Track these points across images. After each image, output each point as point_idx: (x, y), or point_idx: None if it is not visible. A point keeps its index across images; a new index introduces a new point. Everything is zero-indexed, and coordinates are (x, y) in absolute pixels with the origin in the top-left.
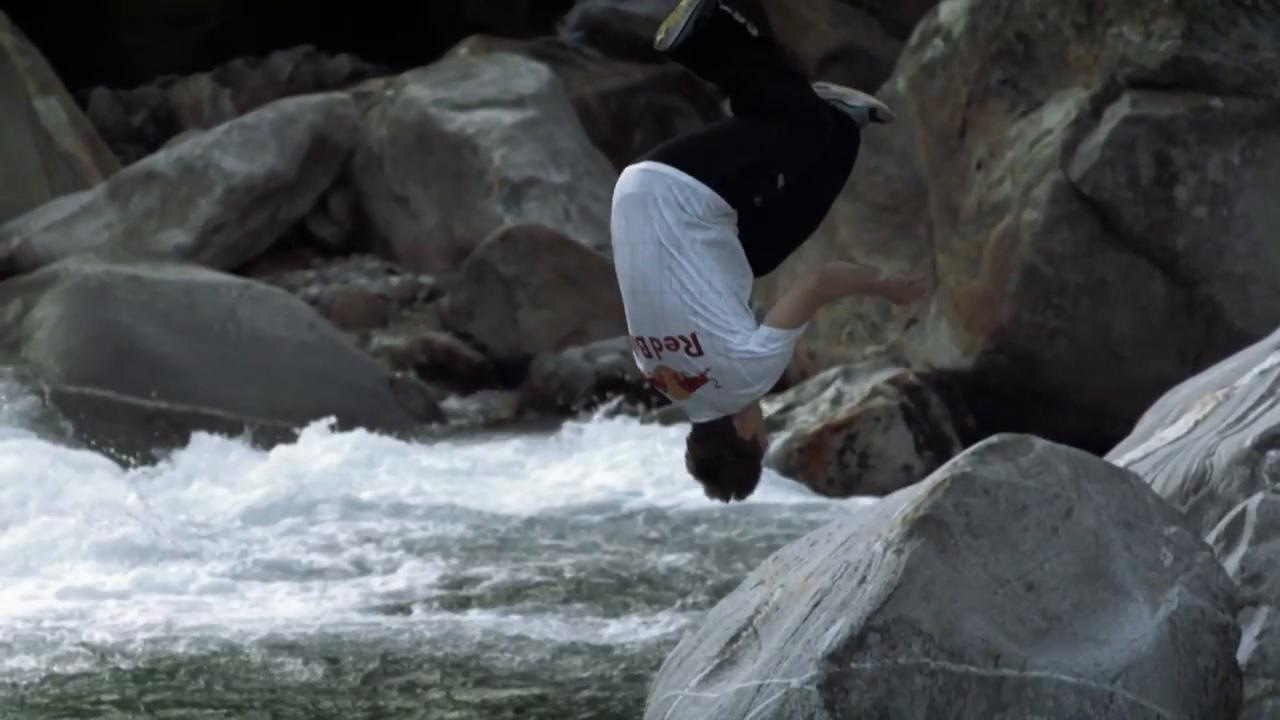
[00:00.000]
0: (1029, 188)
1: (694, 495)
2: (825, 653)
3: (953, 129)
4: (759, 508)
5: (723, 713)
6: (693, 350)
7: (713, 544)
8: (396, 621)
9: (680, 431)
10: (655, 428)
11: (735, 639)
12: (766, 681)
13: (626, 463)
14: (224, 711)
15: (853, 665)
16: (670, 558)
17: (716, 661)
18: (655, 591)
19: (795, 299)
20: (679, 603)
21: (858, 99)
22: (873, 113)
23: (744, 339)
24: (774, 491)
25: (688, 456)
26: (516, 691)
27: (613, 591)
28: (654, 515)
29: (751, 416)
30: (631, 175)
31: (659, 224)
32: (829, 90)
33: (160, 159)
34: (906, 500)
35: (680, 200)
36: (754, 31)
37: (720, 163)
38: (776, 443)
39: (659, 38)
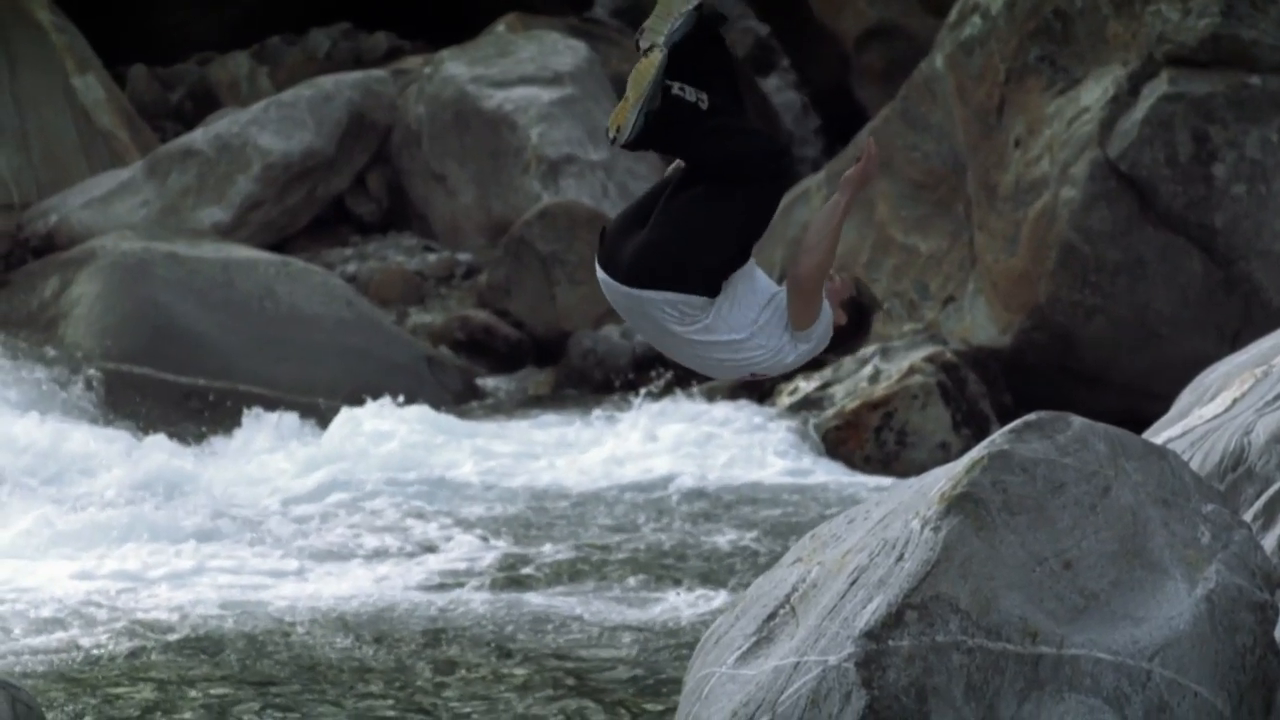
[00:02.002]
0: (1067, 165)
1: (734, 473)
2: (863, 630)
3: (990, 106)
4: (797, 486)
5: (760, 690)
6: (755, 375)
7: (752, 521)
8: (442, 599)
9: (722, 411)
10: (697, 406)
11: (773, 616)
12: (804, 659)
13: (668, 440)
14: (272, 688)
15: (890, 643)
16: (711, 536)
17: (754, 639)
18: (697, 569)
19: (797, 302)
20: (720, 581)
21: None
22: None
23: (790, 350)
24: (812, 469)
25: None
26: (558, 669)
27: (655, 570)
28: (694, 493)
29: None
30: (616, 291)
31: (673, 330)
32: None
33: (198, 136)
34: (944, 478)
35: (680, 313)
36: (704, 105)
37: (701, 267)
38: (814, 420)
39: (610, 134)
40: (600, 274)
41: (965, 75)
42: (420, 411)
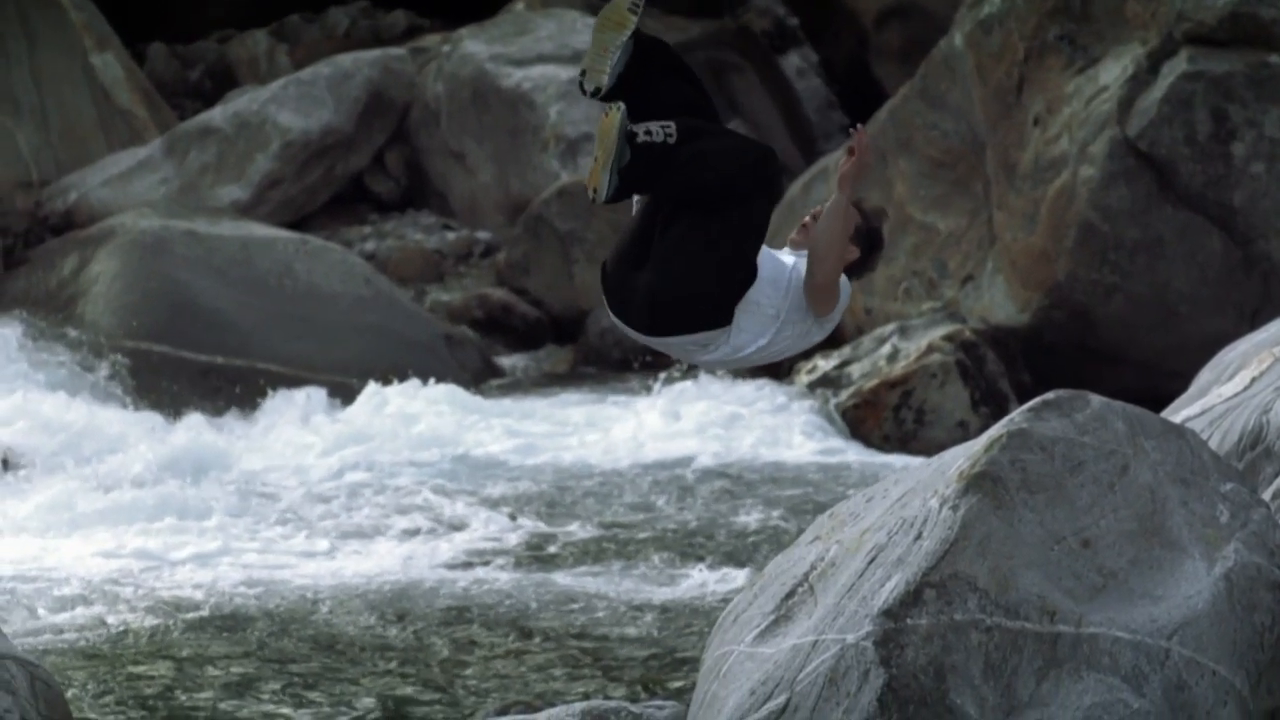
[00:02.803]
0: (1086, 144)
1: (758, 452)
2: (881, 609)
3: (1010, 85)
4: (821, 465)
5: (778, 668)
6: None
7: (775, 500)
8: (466, 577)
9: (743, 390)
10: (718, 385)
11: (791, 595)
12: (822, 637)
13: (690, 419)
14: (294, 665)
15: (908, 621)
16: (735, 515)
17: (772, 617)
18: (721, 548)
19: (818, 301)
20: (743, 559)
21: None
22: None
23: (816, 329)
24: (836, 448)
25: None
26: (579, 648)
27: (678, 548)
28: (717, 472)
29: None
30: (635, 336)
31: (701, 357)
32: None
33: (217, 114)
34: (963, 456)
35: (704, 345)
36: (673, 138)
37: (713, 303)
38: (835, 399)
39: (589, 195)
40: (615, 321)
41: (984, 54)
42: (445, 390)
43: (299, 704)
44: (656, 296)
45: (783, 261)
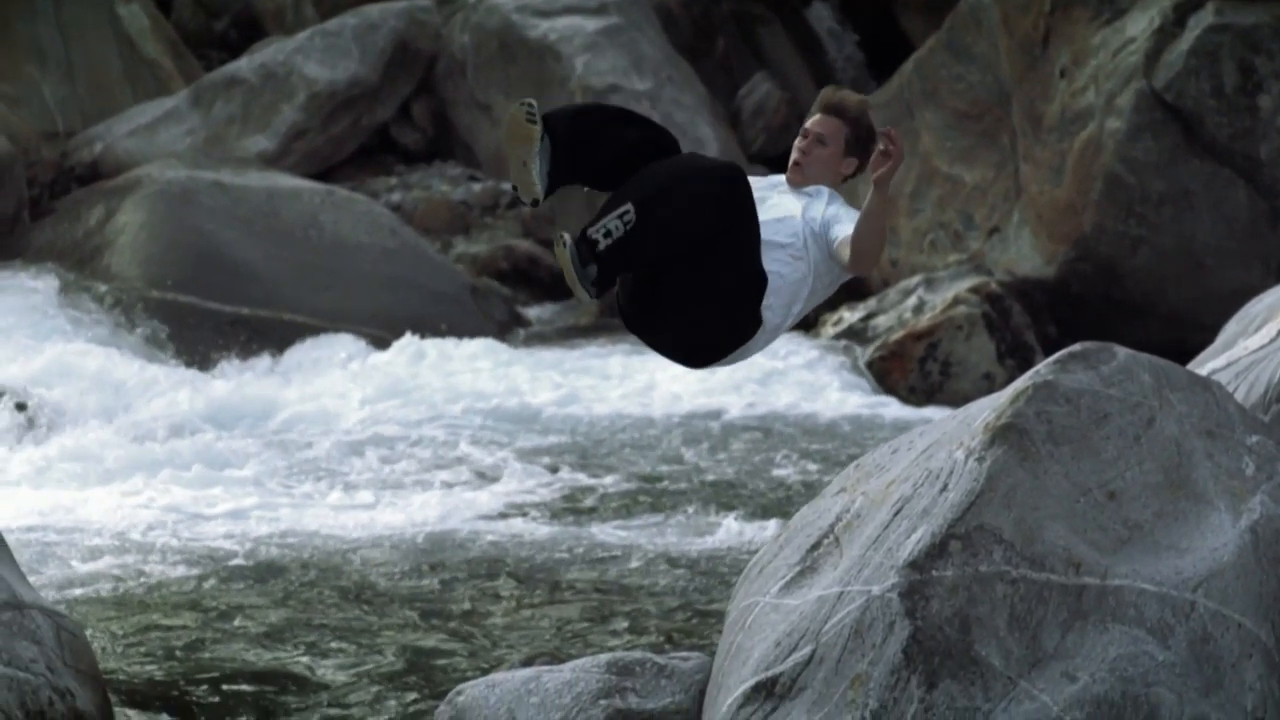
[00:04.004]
0: (1112, 96)
1: (791, 404)
2: (906, 560)
3: (1036, 37)
4: (854, 417)
5: (803, 620)
6: None
7: (809, 452)
8: (499, 529)
9: (783, 342)
10: None
11: (816, 546)
12: (847, 589)
13: (722, 372)
14: (325, 615)
15: (934, 573)
16: (769, 467)
17: (798, 569)
18: (754, 500)
19: (853, 271)
20: (776, 512)
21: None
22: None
23: (840, 273)
24: (856, 399)
25: None
26: (609, 600)
27: (711, 500)
28: (750, 424)
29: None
30: None
31: (750, 357)
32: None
33: (243, 65)
34: (988, 408)
35: (745, 351)
36: (634, 222)
37: (738, 326)
38: (863, 352)
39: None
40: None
41: (1011, 5)
42: (479, 342)
43: (328, 655)
44: (684, 349)
45: (790, 219)
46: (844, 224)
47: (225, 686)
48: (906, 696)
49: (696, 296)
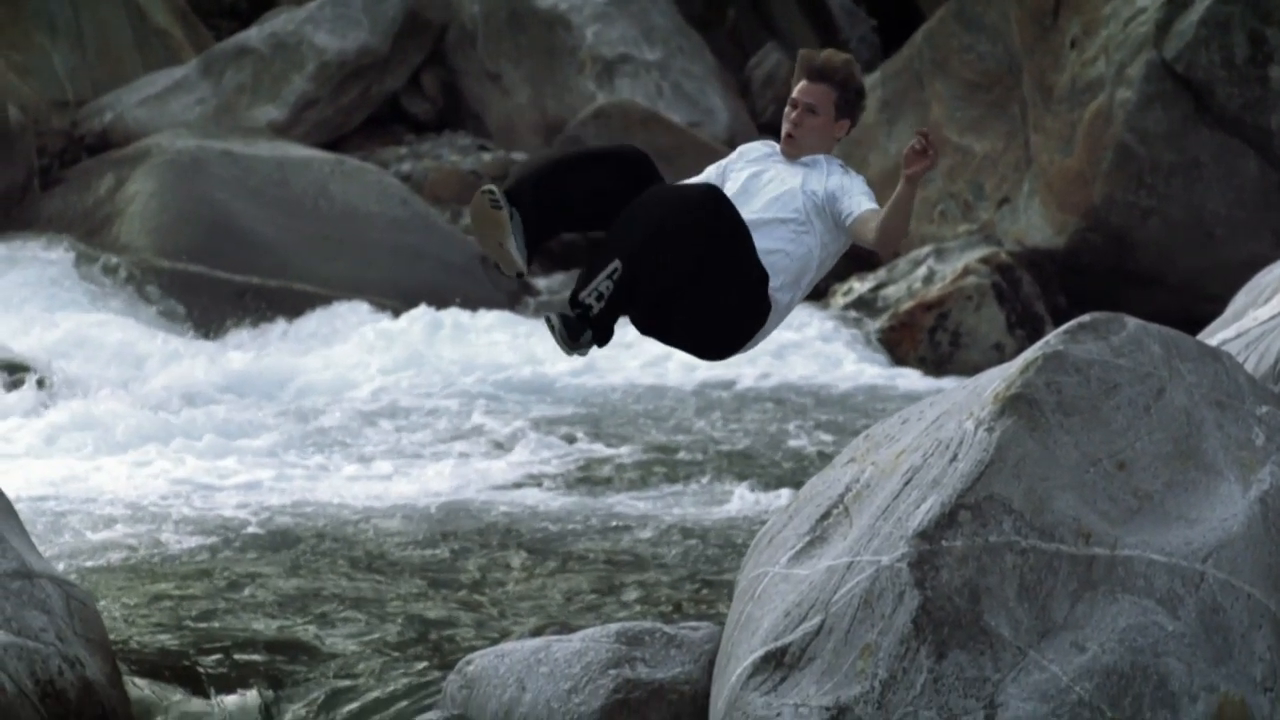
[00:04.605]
0: (1123, 66)
1: (804, 374)
2: (916, 530)
3: (1046, 7)
4: (863, 388)
5: (813, 589)
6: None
7: (819, 423)
8: (513, 499)
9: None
10: None
11: (826, 516)
12: (857, 559)
13: None
14: (336, 585)
15: (943, 543)
16: (783, 437)
17: (807, 539)
18: (767, 470)
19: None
20: (790, 482)
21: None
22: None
23: (847, 239)
24: (866, 369)
25: None
26: (620, 569)
27: (724, 470)
28: (764, 394)
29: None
30: None
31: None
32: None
33: (253, 34)
34: (998, 378)
35: (763, 335)
36: (620, 275)
37: (749, 319)
38: (873, 323)
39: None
40: None
41: None
42: (495, 313)
43: (339, 624)
44: (699, 351)
45: (790, 193)
46: (854, 195)
47: (235, 656)
48: (916, 666)
49: (702, 308)
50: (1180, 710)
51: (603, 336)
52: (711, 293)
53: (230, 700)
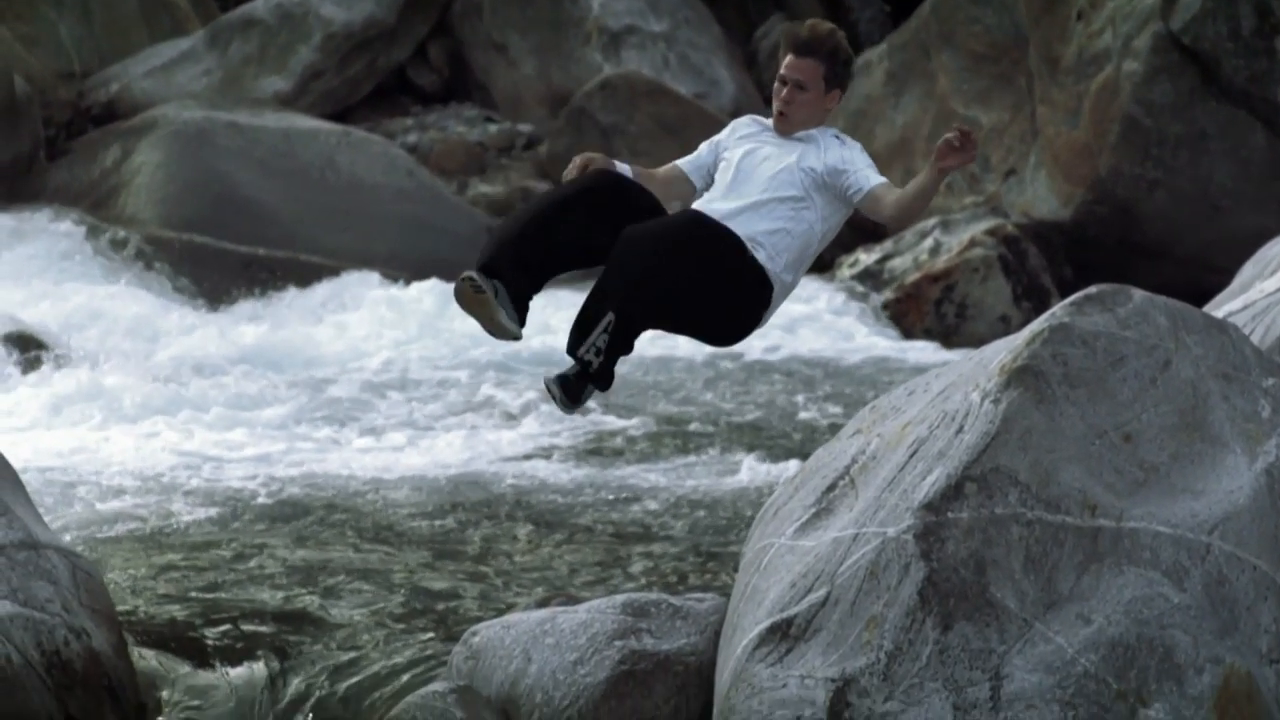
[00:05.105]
0: (1129, 38)
1: (813, 346)
2: (922, 502)
3: None
4: (873, 359)
5: (819, 561)
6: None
7: (828, 394)
8: (523, 471)
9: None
10: None
11: (832, 488)
12: (863, 530)
13: None
14: (343, 557)
15: (949, 515)
16: (792, 409)
17: (813, 510)
18: (775, 442)
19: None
20: (799, 453)
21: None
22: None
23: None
24: (878, 342)
25: None
26: (628, 540)
27: (732, 442)
28: (770, 366)
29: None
30: None
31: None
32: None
33: (259, 5)
34: (1004, 350)
35: (772, 312)
36: (615, 322)
37: (755, 309)
38: (874, 293)
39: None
40: None
41: None
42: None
43: (345, 595)
44: (710, 341)
45: (787, 170)
46: (860, 169)
47: (242, 626)
48: (921, 638)
49: (706, 312)
50: (1185, 682)
51: (605, 384)
52: (712, 300)
53: (237, 671)
